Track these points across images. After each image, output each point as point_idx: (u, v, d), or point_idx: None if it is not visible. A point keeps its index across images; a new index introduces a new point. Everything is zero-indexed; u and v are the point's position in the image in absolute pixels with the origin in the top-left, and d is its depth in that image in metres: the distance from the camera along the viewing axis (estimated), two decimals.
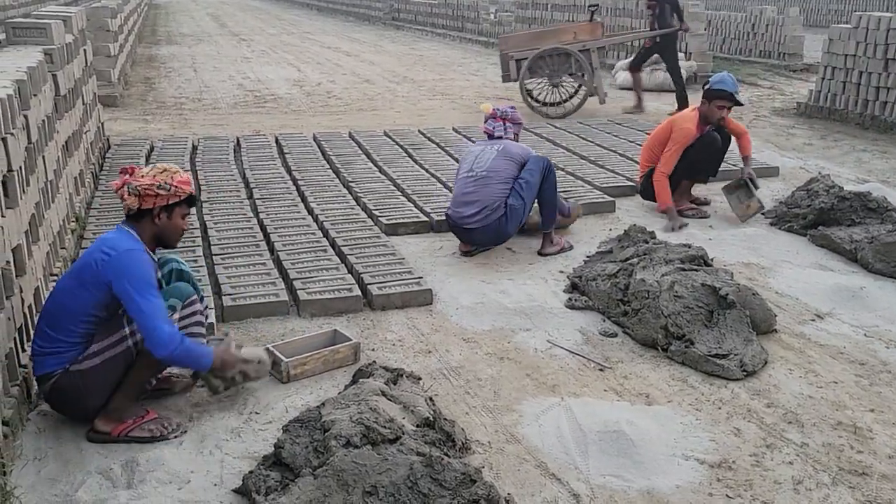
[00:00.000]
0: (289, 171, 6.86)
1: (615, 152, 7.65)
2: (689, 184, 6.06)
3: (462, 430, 3.14)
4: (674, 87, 10.15)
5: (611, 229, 5.65)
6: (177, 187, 3.14)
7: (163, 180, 3.12)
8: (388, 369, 3.40)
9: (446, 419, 3.13)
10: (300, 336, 3.87)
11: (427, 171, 6.90)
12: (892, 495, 2.87)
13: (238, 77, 13.34)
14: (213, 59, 15.75)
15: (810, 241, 5.44)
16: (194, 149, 7.64)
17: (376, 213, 5.72)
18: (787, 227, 5.69)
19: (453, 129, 8.74)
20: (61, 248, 4.58)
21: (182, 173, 3.20)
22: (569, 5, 15.71)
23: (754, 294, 4.15)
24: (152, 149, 7.55)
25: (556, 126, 8.86)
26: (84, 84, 6.41)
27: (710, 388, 3.59)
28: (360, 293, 4.38)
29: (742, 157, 6.02)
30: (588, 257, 5.02)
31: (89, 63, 6.97)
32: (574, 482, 2.91)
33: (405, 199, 6.07)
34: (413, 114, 10.18)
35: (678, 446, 3.12)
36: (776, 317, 4.17)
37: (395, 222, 5.55)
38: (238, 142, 7.92)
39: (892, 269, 4.84)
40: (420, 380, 3.48)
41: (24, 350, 3.39)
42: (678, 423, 3.29)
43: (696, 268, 4.28)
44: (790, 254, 5.24)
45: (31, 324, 3.56)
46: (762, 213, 5.85)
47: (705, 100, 5.73)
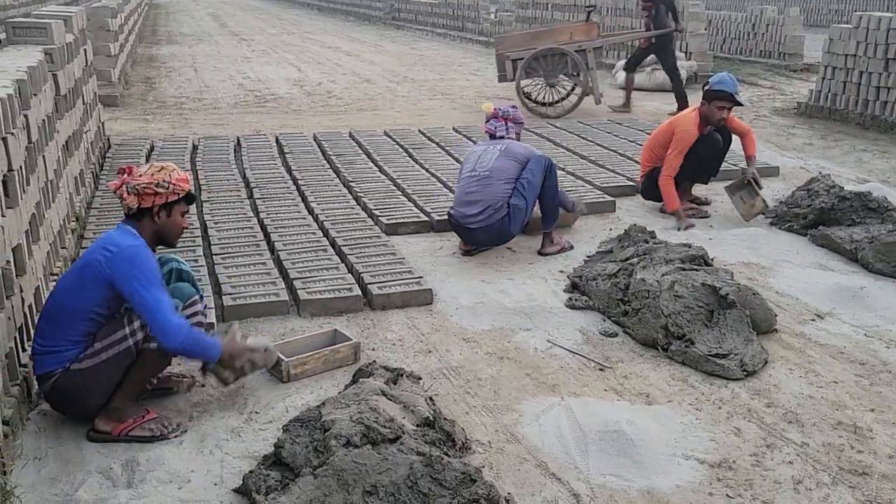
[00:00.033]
0: (289, 171, 6.86)
1: (615, 152, 7.65)
2: (690, 184, 6.07)
3: (462, 429, 3.14)
4: (672, 87, 10.17)
5: (611, 229, 5.65)
6: (175, 185, 3.15)
7: (161, 178, 3.13)
8: (388, 369, 3.40)
9: (446, 419, 3.13)
10: (300, 336, 3.87)
11: (427, 170, 6.90)
12: (893, 495, 2.87)
13: (238, 77, 13.34)
14: (214, 59, 15.74)
15: (811, 240, 5.44)
16: (195, 148, 7.64)
17: (376, 212, 5.72)
18: (788, 226, 5.68)
19: (453, 128, 8.74)
20: (61, 248, 4.58)
21: (179, 171, 3.22)
22: (569, 5, 15.71)
23: (754, 294, 4.15)
24: (152, 148, 7.55)
25: (556, 126, 8.86)
26: (84, 84, 6.41)
27: (710, 387, 3.59)
28: (360, 293, 4.38)
29: (746, 157, 6.00)
30: (588, 257, 5.02)
31: (90, 63, 6.97)
32: (574, 482, 2.91)
33: (405, 199, 6.07)
34: (413, 113, 10.18)
35: (678, 446, 3.12)
36: (776, 316, 4.17)
37: (395, 222, 5.55)
38: (238, 141, 7.92)
39: (893, 269, 4.84)
40: (420, 379, 3.48)
41: (24, 350, 3.39)
42: (678, 422, 3.29)
43: (696, 267, 4.28)
44: (790, 253, 5.24)
45: (32, 323, 3.57)
46: (763, 213, 5.85)
47: (705, 100, 5.72)
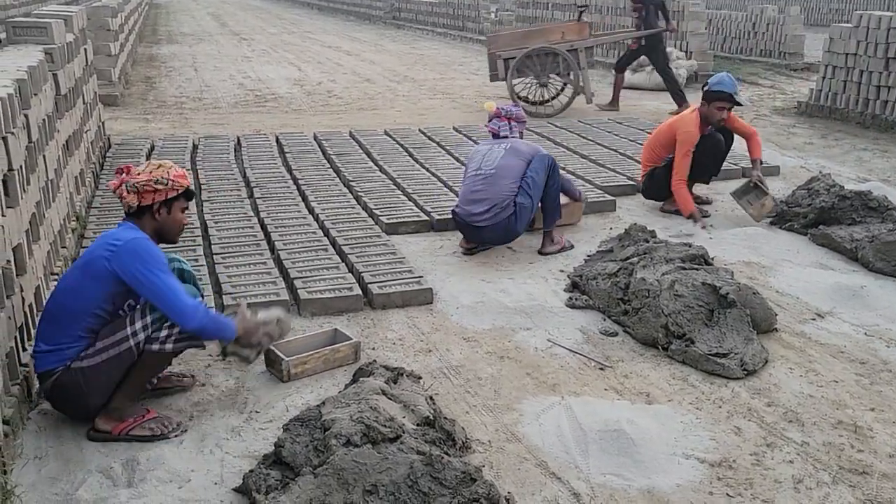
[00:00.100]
0: (289, 171, 6.86)
1: (616, 151, 7.65)
2: (691, 183, 6.05)
3: (462, 428, 3.14)
4: (666, 87, 10.19)
5: (611, 228, 5.65)
6: (174, 181, 3.17)
7: (160, 175, 3.15)
8: (388, 368, 3.40)
9: (447, 418, 3.13)
10: (300, 335, 3.87)
11: (428, 170, 6.89)
12: (893, 494, 2.87)
13: (239, 76, 13.33)
14: (214, 59, 15.74)
15: (811, 240, 5.44)
16: (195, 148, 7.64)
17: (377, 212, 5.72)
18: (788, 226, 5.68)
19: (454, 128, 8.73)
20: (62, 248, 4.58)
21: (177, 168, 3.24)
22: (570, 4, 15.69)
23: (755, 293, 4.15)
24: (153, 148, 7.55)
25: (556, 125, 8.85)
26: (85, 83, 6.41)
27: (710, 387, 3.59)
28: (360, 292, 4.38)
29: (751, 160, 5.95)
30: (589, 256, 5.02)
31: (90, 62, 6.97)
32: (574, 481, 2.91)
33: (406, 199, 6.06)
34: (414, 113, 10.18)
35: (678, 445, 3.12)
36: (776, 316, 4.17)
37: (395, 221, 5.55)
38: (238, 141, 7.92)
39: (893, 268, 4.83)
40: (420, 379, 3.48)
41: (24, 349, 3.39)
42: (678, 422, 3.29)
43: (696, 267, 4.29)
44: (791, 253, 5.24)
45: (32, 323, 3.57)
46: (773, 211, 5.80)
47: (705, 101, 5.71)
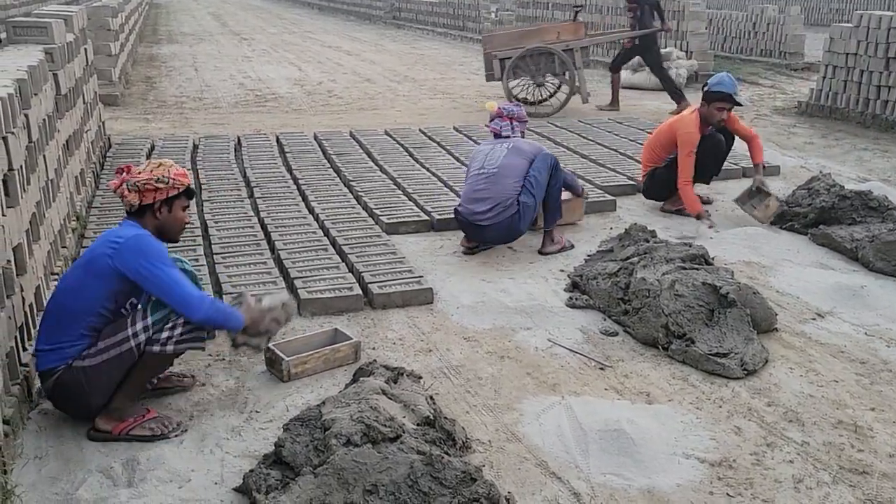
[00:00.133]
0: (289, 170, 6.86)
1: (616, 151, 7.65)
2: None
3: (462, 428, 3.14)
4: (663, 86, 10.20)
5: (612, 228, 5.65)
6: (174, 179, 3.17)
7: (160, 174, 3.15)
8: (388, 368, 3.40)
9: (447, 418, 3.13)
10: (301, 335, 3.87)
11: (428, 170, 6.89)
12: (893, 494, 2.87)
13: (239, 76, 13.33)
14: (214, 59, 15.74)
15: (811, 239, 5.44)
16: (195, 148, 7.64)
17: (377, 211, 5.72)
18: (788, 225, 5.68)
19: (454, 128, 8.73)
20: (62, 247, 4.58)
21: (178, 166, 3.24)
22: (569, 4, 15.69)
23: (755, 293, 4.15)
24: (153, 148, 7.55)
25: (556, 125, 8.85)
26: (85, 83, 6.41)
27: (710, 386, 3.59)
28: (360, 292, 4.38)
29: (753, 164, 5.95)
30: (589, 256, 5.01)
31: (90, 62, 6.98)
32: (574, 481, 2.91)
33: (406, 198, 6.06)
34: (414, 113, 10.17)
35: (679, 445, 3.12)
36: (777, 315, 4.17)
37: (395, 221, 5.55)
38: (239, 141, 7.92)
39: (893, 268, 4.83)
40: (420, 378, 3.48)
41: (24, 349, 3.39)
42: (679, 421, 3.29)
43: (696, 266, 4.28)
44: (791, 252, 5.24)
45: (33, 322, 3.57)
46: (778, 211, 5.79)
47: (704, 102, 5.70)
